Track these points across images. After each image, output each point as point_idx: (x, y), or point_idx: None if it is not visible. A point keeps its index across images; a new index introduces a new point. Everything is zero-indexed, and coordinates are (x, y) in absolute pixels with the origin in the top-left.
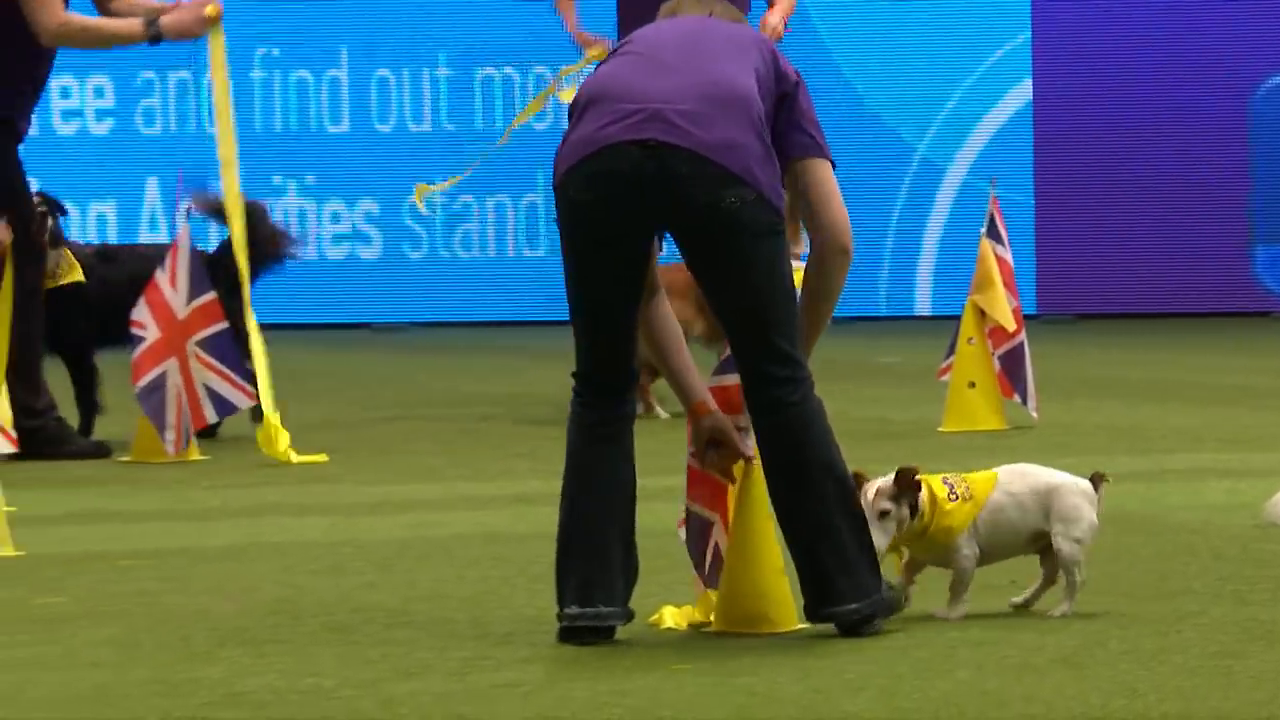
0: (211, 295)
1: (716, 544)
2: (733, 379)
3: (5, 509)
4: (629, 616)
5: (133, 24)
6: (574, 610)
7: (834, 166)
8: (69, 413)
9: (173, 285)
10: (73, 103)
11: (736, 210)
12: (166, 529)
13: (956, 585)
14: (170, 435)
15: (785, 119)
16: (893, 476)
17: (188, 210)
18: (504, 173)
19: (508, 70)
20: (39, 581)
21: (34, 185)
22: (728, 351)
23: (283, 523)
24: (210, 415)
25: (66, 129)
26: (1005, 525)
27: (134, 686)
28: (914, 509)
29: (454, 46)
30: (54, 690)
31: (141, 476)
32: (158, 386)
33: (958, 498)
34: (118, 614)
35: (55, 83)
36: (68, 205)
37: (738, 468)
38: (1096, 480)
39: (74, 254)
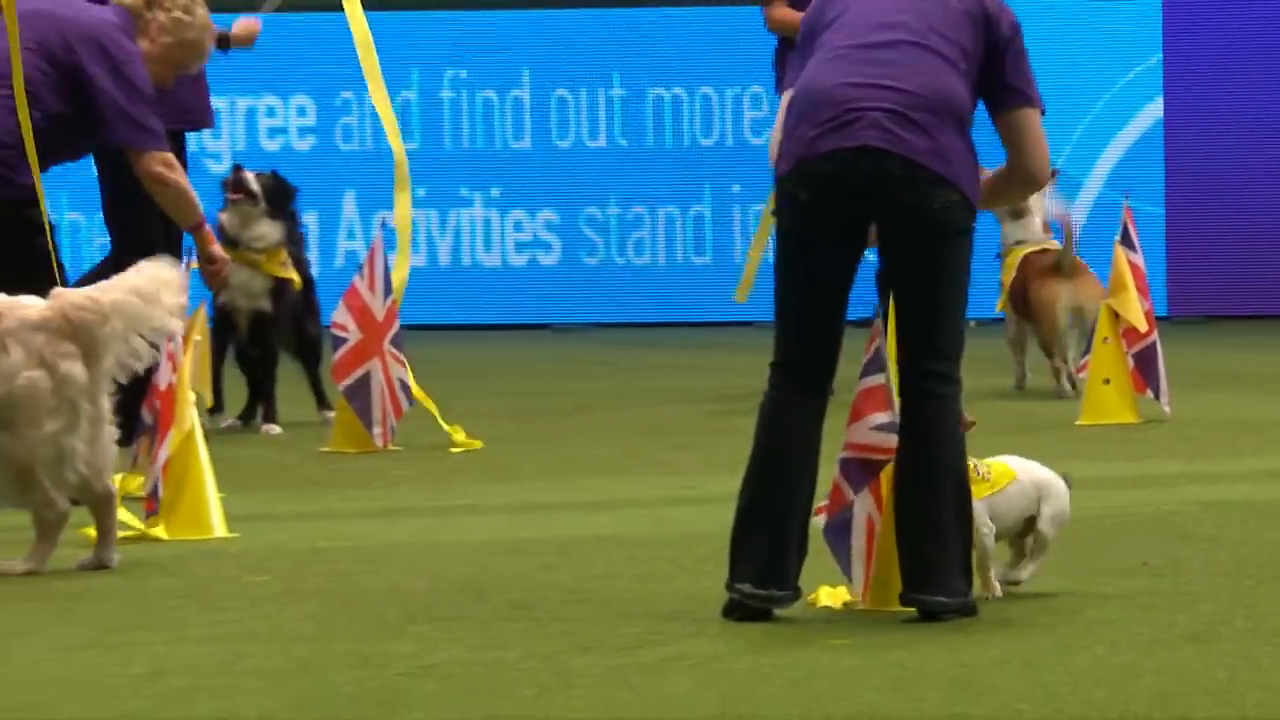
0: (393, 296)
1: (866, 537)
2: (878, 380)
3: (218, 495)
4: (798, 596)
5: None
6: (747, 589)
7: (1043, 114)
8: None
9: (371, 289)
10: (277, 121)
11: (941, 211)
12: (361, 513)
13: (981, 561)
14: (377, 430)
15: (995, 72)
16: None
17: (382, 221)
18: (673, 186)
19: (676, 90)
20: (248, 562)
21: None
22: (871, 352)
23: (468, 508)
24: (404, 405)
25: (271, 145)
26: (1008, 508)
27: (333, 658)
28: None
29: (626, 69)
30: (261, 661)
31: (340, 466)
32: (362, 385)
33: (980, 476)
34: (317, 592)
35: (261, 103)
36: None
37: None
38: (1068, 481)
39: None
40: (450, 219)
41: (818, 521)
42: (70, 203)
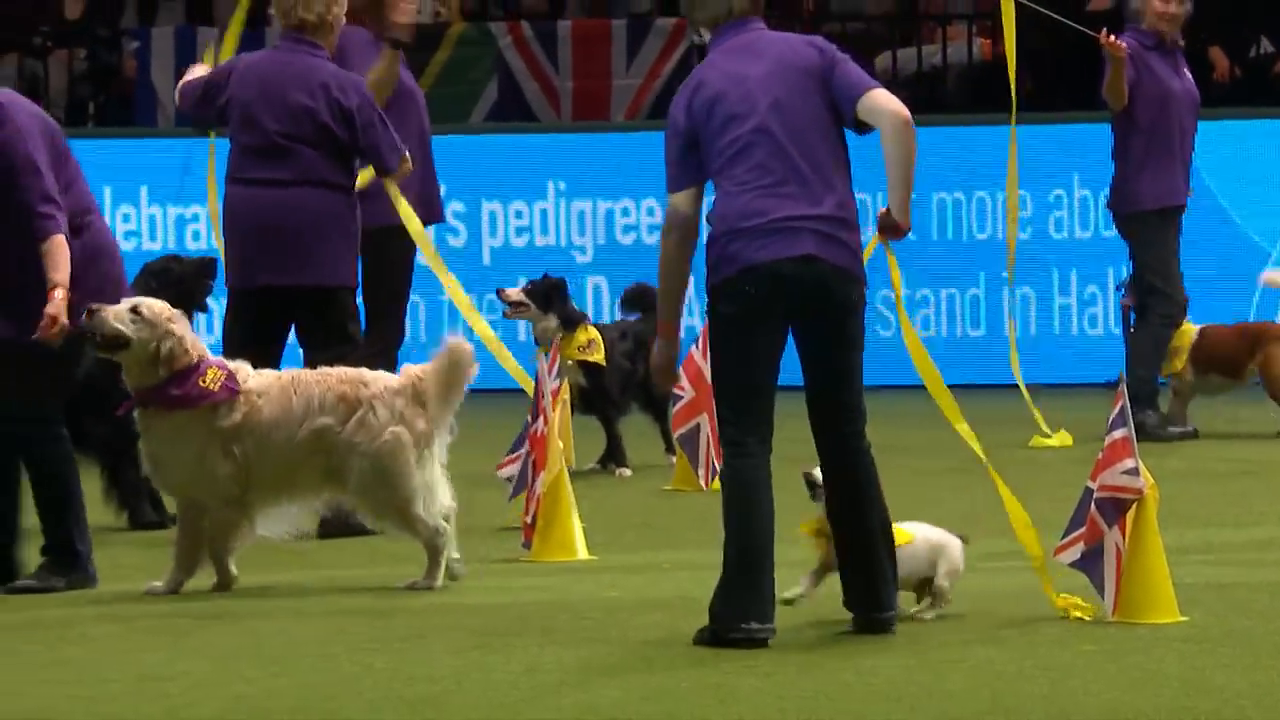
0: None
1: (1115, 562)
2: (1123, 432)
3: (580, 524)
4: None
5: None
6: (754, 626)
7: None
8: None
9: (704, 356)
10: (630, 220)
11: (857, 300)
12: (696, 542)
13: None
14: (702, 471)
15: (838, 82)
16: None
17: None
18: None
19: None
20: (605, 579)
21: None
22: (1116, 410)
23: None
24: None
25: (625, 240)
26: (906, 568)
27: (673, 659)
28: None
29: None
30: (616, 660)
31: (678, 502)
32: (693, 435)
33: None
34: (672, 601)
35: (617, 205)
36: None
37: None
38: (965, 539)
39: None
40: None
41: (1071, 553)
42: None
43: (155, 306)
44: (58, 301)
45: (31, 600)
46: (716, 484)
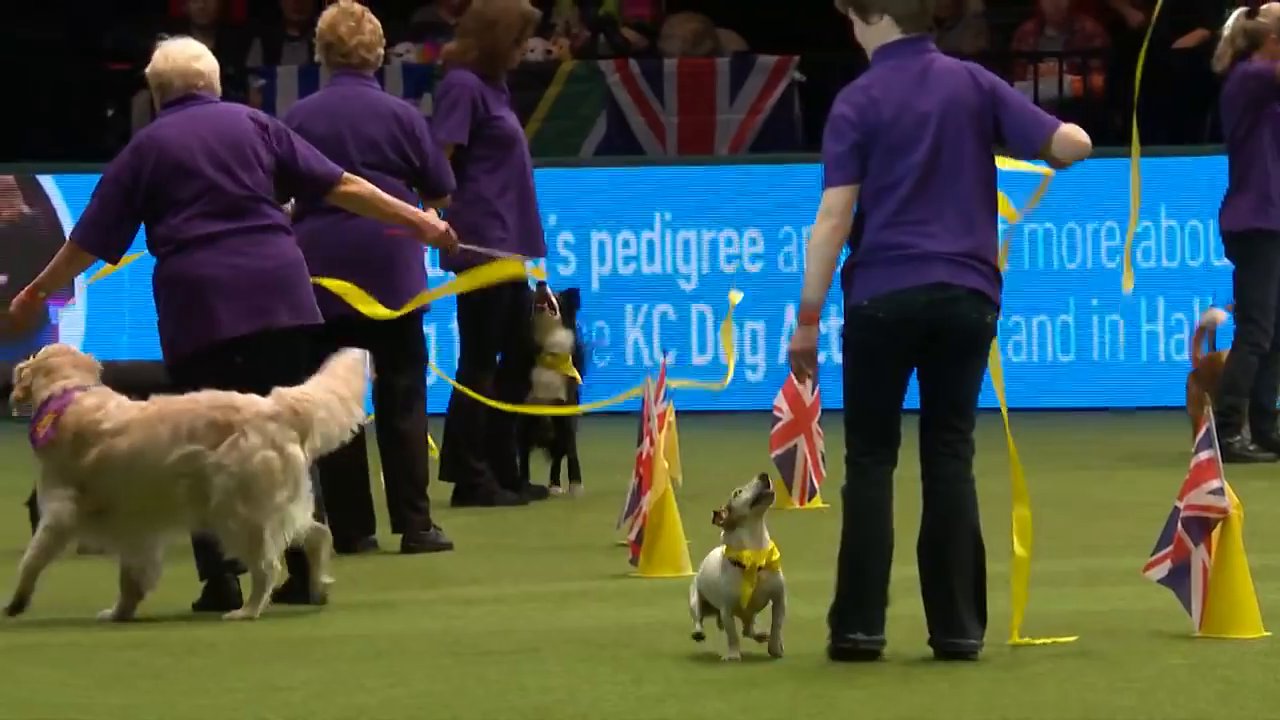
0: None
1: (1202, 579)
2: (1209, 454)
3: (685, 540)
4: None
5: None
6: (861, 637)
7: None
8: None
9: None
10: (733, 250)
11: (988, 327)
12: (794, 557)
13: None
14: (796, 491)
15: (1013, 127)
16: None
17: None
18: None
19: None
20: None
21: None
22: (1203, 432)
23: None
24: (824, 472)
25: (728, 268)
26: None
27: (773, 672)
28: None
29: None
30: (721, 674)
31: (776, 521)
32: (790, 456)
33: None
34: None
35: (720, 235)
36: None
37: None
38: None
39: None
40: None
41: (1159, 570)
42: None
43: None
44: None
45: (156, 615)
46: (814, 502)
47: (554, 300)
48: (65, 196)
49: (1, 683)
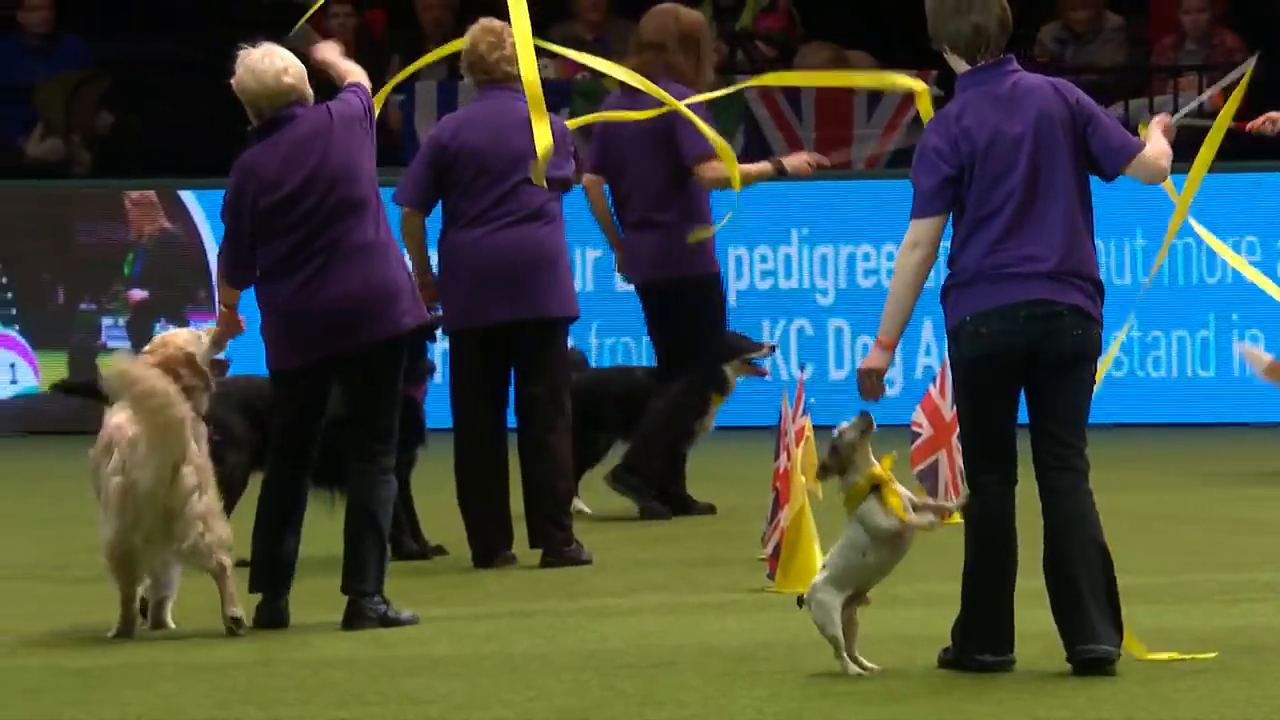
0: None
1: None
2: None
3: (821, 557)
4: None
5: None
6: (988, 658)
7: None
8: None
9: (942, 395)
10: (870, 264)
11: (1090, 343)
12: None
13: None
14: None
15: (1098, 143)
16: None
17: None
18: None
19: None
20: None
21: None
22: None
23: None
24: (964, 488)
25: (866, 283)
26: None
27: (914, 684)
28: None
29: None
30: (851, 686)
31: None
32: (931, 471)
33: None
34: (900, 635)
35: (858, 250)
36: None
37: None
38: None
39: None
40: None
41: None
42: None
43: None
44: None
45: (295, 626)
46: (954, 517)
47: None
48: (206, 212)
49: (145, 695)
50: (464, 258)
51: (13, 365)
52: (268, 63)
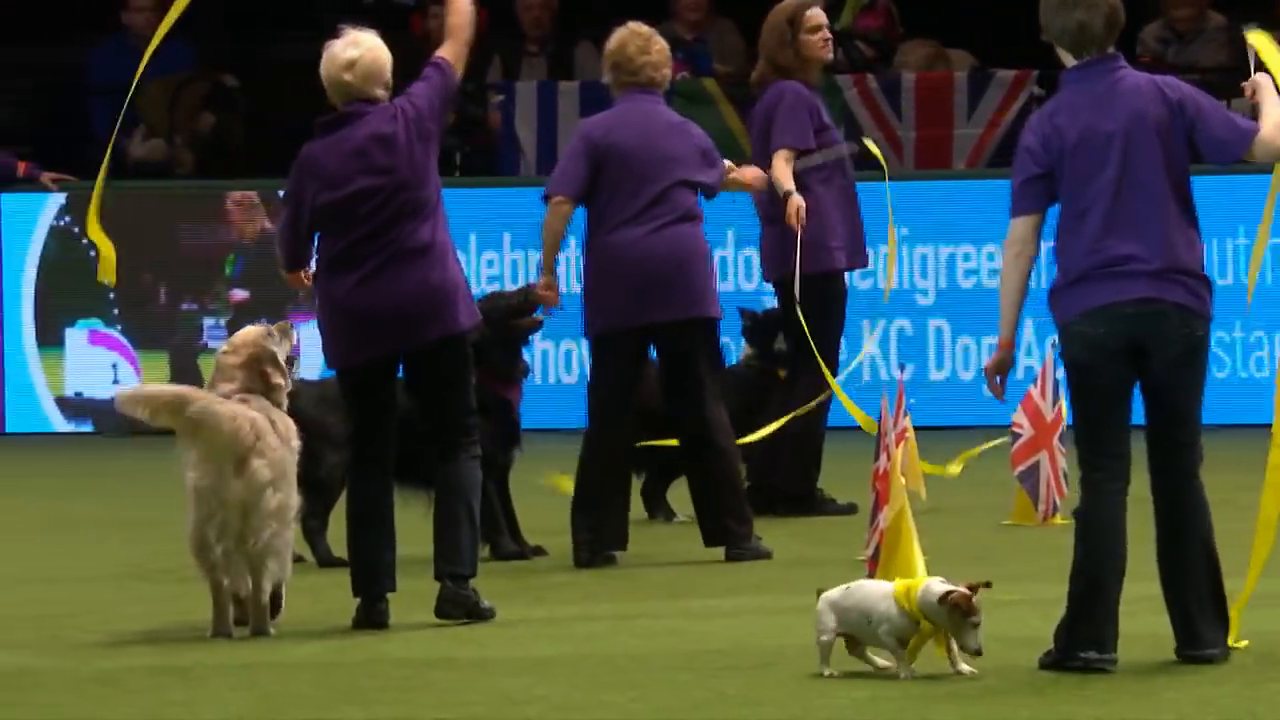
0: (1062, 402)
1: None
2: None
3: (922, 556)
4: None
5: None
6: (1093, 655)
7: None
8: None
9: (1042, 396)
10: (971, 265)
11: (1198, 340)
12: (1035, 573)
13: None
14: (1041, 507)
15: (1207, 142)
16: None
17: (1052, 343)
18: None
19: None
20: None
21: None
22: None
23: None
24: (1065, 489)
25: (966, 284)
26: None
27: (1016, 685)
28: None
29: None
30: (950, 688)
31: (1018, 536)
32: (1033, 471)
33: None
34: (1000, 636)
35: (958, 250)
36: None
37: None
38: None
39: None
40: None
41: None
42: None
43: None
44: None
45: (395, 625)
46: (1056, 519)
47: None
48: None
49: (246, 696)
50: (621, 259)
51: (114, 365)
52: (340, 53)
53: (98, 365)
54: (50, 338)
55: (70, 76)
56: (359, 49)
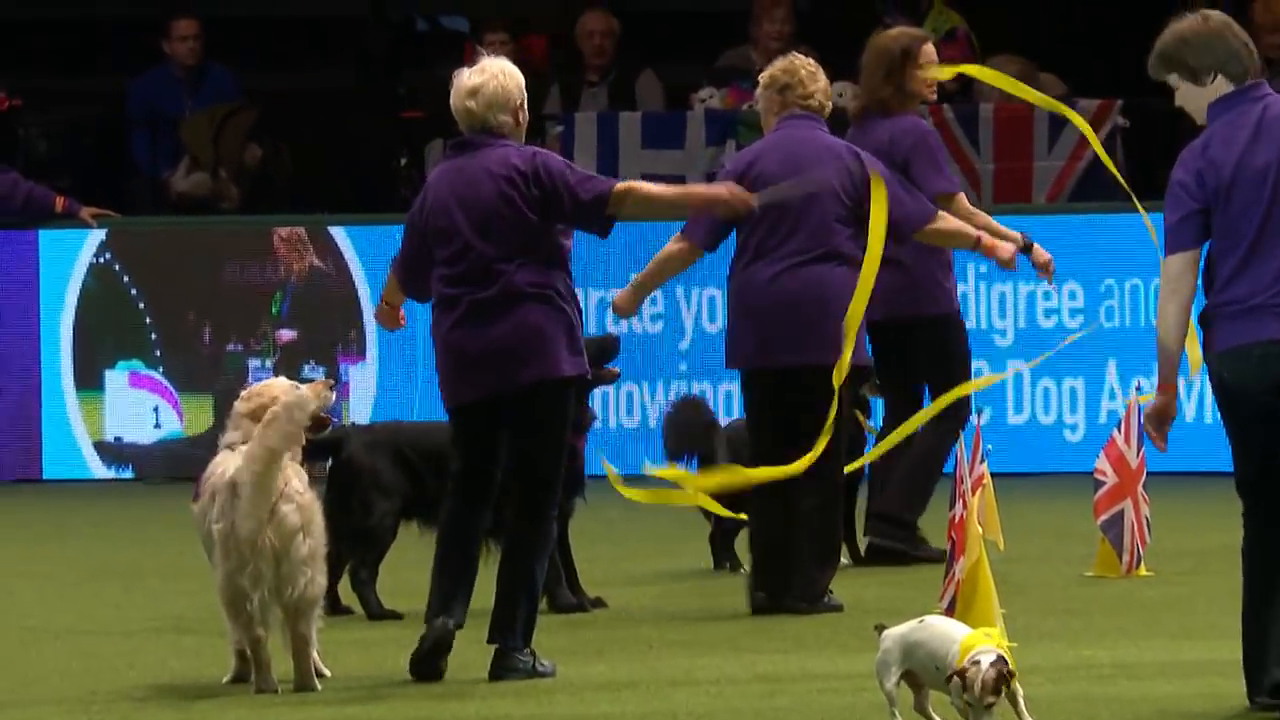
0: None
1: None
2: None
3: (1000, 610)
4: None
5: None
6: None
7: None
8: None
9: (1126, 442)
10: (1051, 304)
11: None
12: (1121, 629)
13: None
14: (1125, 557)
15: None
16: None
17: (1137, 386)
18: None
19: None
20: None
21: None
22: None
23: (1208, 628)
24: (1148, 539)
25: (1046, 323)
26: None
27: None
28: None
29: None
30: None
31: (1102, 589)
32: (1117, 520)
33: None
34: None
35: (1038, 288)
36: None
37: None
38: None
39: None
40: None
41: None
42: None
43: None
44: None
45: (449, 681)
46: (1139, 571)
47: None
48: (356, 248)
49: None
50: (753, 295)
51: (156, 409)
52: (466, 79)
53: (139, 409)
54: (89, 380)
55: (110, 107)
56: (483, 75)
